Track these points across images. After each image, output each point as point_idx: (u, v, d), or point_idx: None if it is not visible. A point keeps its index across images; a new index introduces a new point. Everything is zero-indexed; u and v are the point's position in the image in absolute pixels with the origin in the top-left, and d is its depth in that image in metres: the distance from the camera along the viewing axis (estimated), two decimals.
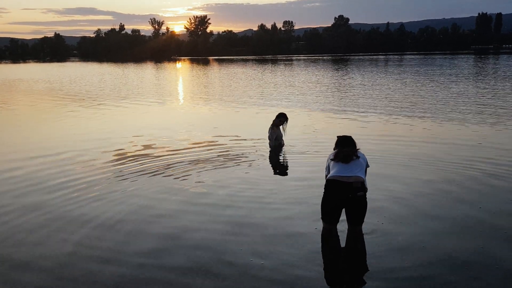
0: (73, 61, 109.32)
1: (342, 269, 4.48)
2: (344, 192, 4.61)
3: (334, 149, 5.16)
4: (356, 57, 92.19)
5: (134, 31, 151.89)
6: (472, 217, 5.53)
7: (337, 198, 4.67)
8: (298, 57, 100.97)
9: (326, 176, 4.91)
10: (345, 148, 4.97)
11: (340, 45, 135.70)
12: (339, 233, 5.01)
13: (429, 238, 4.93)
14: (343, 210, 4.78)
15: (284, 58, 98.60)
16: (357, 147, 5.08)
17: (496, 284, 4.02)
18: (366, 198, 4.71)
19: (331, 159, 4.95)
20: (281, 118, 9.37)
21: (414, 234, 5.04)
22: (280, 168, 8.26)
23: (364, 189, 4.66)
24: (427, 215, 5.60)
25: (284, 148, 9.35)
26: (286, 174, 7.83)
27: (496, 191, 6.50)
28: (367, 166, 5.00)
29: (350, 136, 5.24)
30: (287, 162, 8.59)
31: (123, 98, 21.55)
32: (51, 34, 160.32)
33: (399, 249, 4.70)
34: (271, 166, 8.33)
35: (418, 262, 4.40)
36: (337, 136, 5.32)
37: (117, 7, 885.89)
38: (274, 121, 9.45)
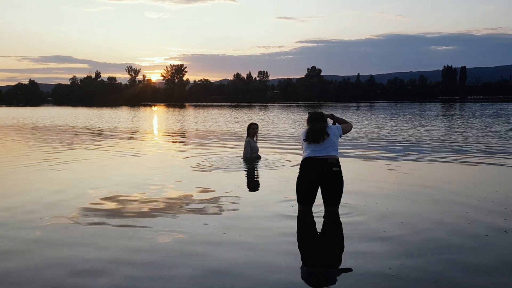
0: (46, 106, 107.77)
1: (317, 249, 4.24)
2: (320, 167, 4.63)
3: (307, 124, 5.08)
4: (329, 104, 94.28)
5: (110, 78, 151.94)
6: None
7: (312, 174, 4.67)
8: (273, 104, 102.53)
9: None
10: (315, 126, 4.88)
11: (313, 94, 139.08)
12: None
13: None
14: (320, 191, 4.78)
15: (259, 104, 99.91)
16: (327, 122, 5.03)
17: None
18: (342, 174, 4.74)
19: (303, 139, 4.92)
20: (253, 126, 9.45)
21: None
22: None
23: (339, 165, 4.70)
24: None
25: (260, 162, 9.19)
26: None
27: None
28: (340, 137, 5.00)
29: (320, 112, 5.15)
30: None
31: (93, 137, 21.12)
32: (26, 81, 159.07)
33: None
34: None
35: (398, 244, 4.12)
36: (308, 112, 5.22)
37: (93, 55, 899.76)
38: (248, 132, 9.51)
